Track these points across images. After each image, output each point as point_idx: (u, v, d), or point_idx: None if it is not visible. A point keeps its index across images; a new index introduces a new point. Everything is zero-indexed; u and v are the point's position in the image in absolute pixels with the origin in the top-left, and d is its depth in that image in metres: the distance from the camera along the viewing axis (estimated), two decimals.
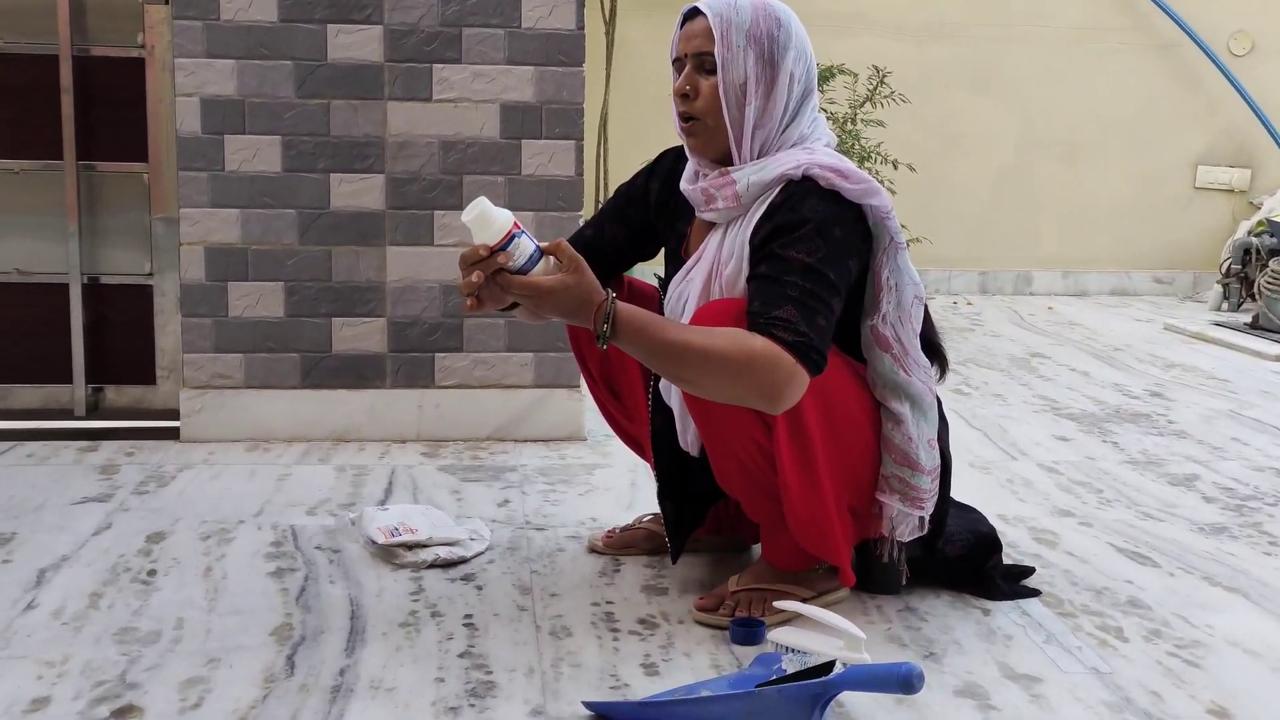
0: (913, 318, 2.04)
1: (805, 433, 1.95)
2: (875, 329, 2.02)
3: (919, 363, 2.05)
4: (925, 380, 2.05)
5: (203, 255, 3.12)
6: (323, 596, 2.16)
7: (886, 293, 2.01)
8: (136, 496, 2.70)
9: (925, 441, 2.04)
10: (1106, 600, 2.21)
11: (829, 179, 1.94)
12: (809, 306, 1.88)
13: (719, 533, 2.38)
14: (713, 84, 2.00)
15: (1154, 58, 6.22)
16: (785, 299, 1.88)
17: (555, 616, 2.09)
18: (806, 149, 2.01)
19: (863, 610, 2.13)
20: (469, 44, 3.12)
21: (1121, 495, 2.85)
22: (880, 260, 2.00)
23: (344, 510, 2.60)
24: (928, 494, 2.06)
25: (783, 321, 1.86)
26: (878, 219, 1.99)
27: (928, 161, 5.78)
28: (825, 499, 1.99)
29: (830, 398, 1.97)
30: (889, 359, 2.02)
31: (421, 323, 3.19)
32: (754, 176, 1.99)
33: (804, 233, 1.91)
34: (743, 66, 1.98)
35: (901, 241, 2.01)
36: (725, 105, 1.99)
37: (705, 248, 2.05)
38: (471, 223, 1.81)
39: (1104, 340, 4.96)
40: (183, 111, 3.08)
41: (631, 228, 2.25)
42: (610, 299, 1.85)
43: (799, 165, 1.96)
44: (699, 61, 2.01)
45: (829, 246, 1.91)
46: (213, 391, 3.16)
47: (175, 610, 2.09)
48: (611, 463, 3.02)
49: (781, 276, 1.89)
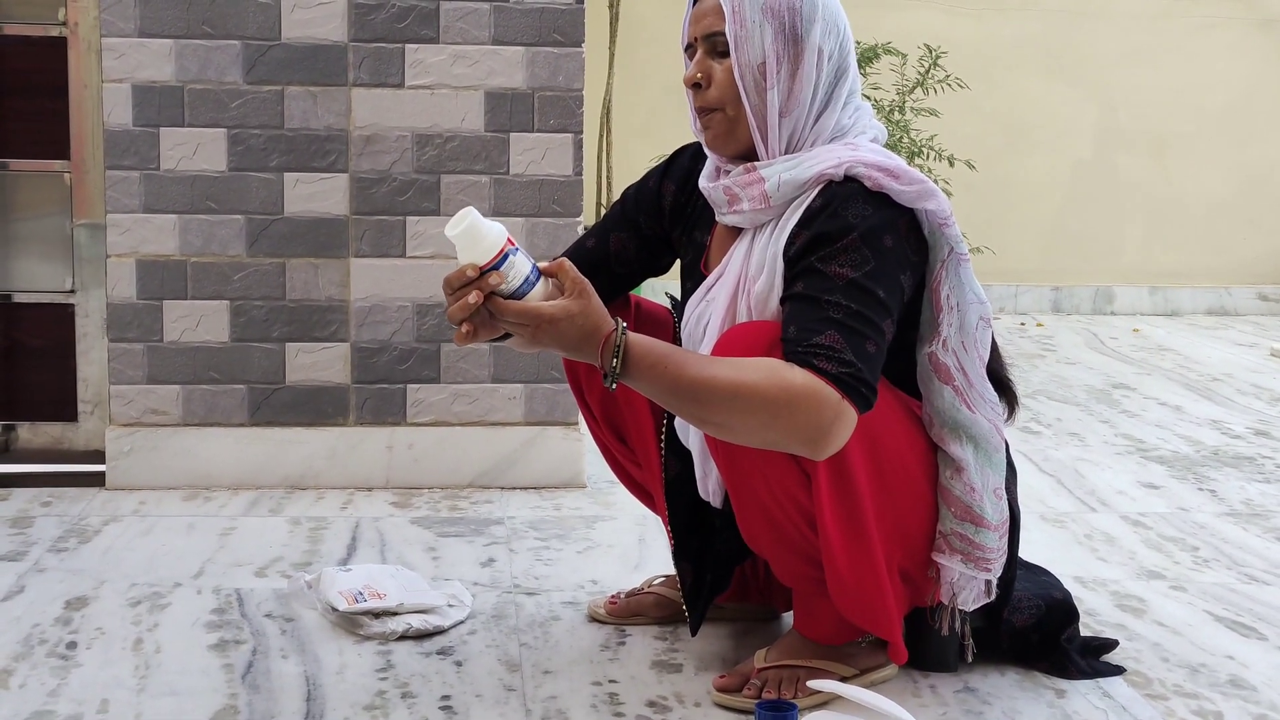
0: (978, 343, 2.04)
1: (851, 482, 1.95)
2: (934, 357, 2.02)
3: (985, 397, 2.05)
4: (992, 418, 2.05)
5: (134, 269, 3.14)
6: (273, 674, 2.16)
7: (947, 313, 2.01)
8: (54, 554, 2.71)
9: (991, 491, 2.04)
10: (1203, 680, 2.20)
11: (876, 179, 1.95)
12: (856, 331, 1.88)
13: (745, 599, 2.38)
14: (727, 67, 2.02)
15: (1257, 35, 6.24)
16: (828, 322, 1.88)
17: (549, 698, 2.09)
18: (849, 144, 2.02)
19: (914, 691, 2.13)
20: (448, 20, 3.14)
21: (1221, 554, 2.85)
22: (939, 274, 2.01)
23: (299, 571, 2.61)
24: (995, 553, 2.05)
25: (825, 350, 1.86)
26: (934, 226, 1.99)
27: (990, 158, 5.80)
28: (875, 560, 1.99)
29: (878, 440, 1.97)
30: (949, 392, 2.02)
31: (391, 349, 3.20)
32: (786, 174, 2.00)
33: (848, 242, 1.91)
34: (760, 44, 1.99)
35: (964, 251, 2.02)
36: (743, 90, 2.01)
37: (729, 260, 2.06)
38: (457, 238, 1.82)
39: (1199, 369, 4.95)
40: (111, 100, 3.10)
41: (642, 237, 2.26)
42: (620, 329, 1.85)
43: (840, 163, 1.97)
44: (711, 44, 2.03)
45: (878, 258, 1.92)
46: (144, 430, 3.17)
47: (99, 690, 2.08)
48: (615, 514, 3.02)
49: (822, 295, 1.89)
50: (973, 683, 2.15)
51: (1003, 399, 2.11)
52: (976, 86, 5.62)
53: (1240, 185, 6.31)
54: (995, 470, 2.05)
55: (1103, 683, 2.17)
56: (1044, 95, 6.18)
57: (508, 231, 1.84)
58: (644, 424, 2.25)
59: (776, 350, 1.89)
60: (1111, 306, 6.28)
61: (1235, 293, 6.34)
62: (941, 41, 5.25)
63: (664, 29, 5.78)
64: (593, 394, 2.30)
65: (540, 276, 1.85)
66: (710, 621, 2.35)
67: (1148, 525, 3.03)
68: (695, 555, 2.20)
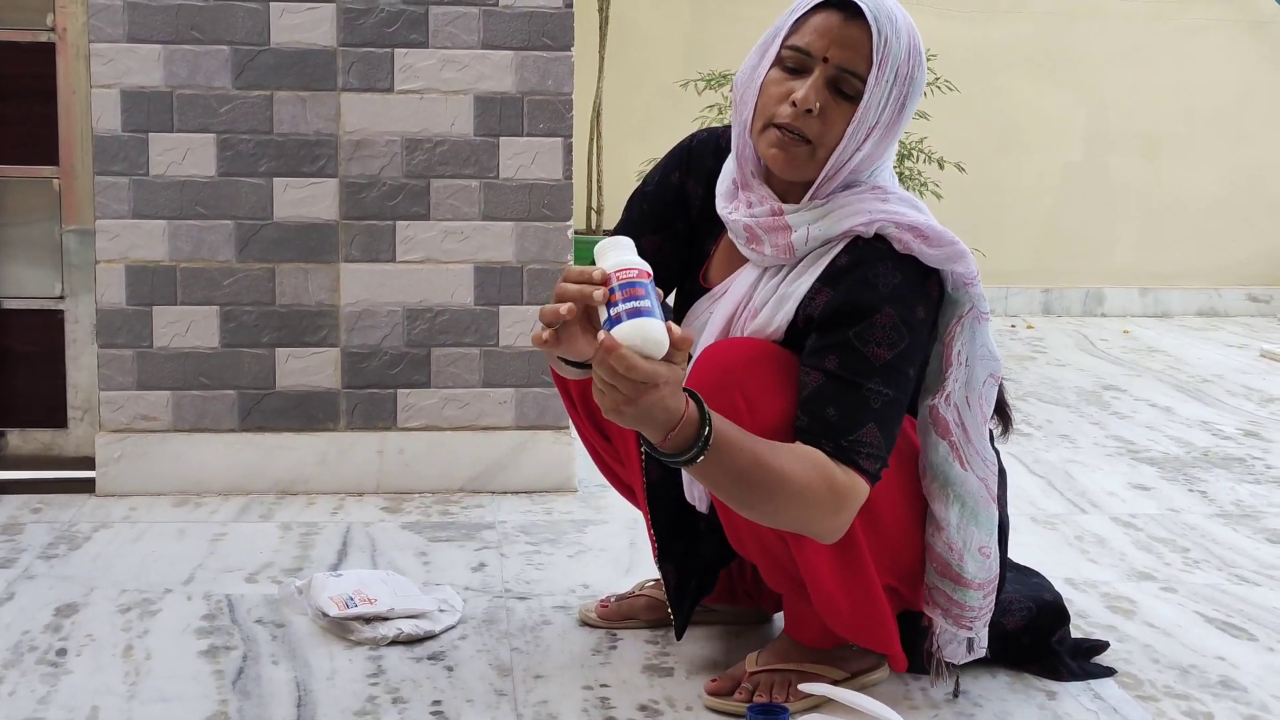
0: (983, 400, 2.01)
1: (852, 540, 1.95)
2: (935, 410, 1.99)
3: (980, 454, 2.01)
4: (984, 476, 2.01)
5: (123, 275, 3.14)
6: (264, 680, 2.16)
7: (956, 368, 1.98)
8: (44, 561, 2.70)
9: (975, 550, 2.01)
10: (1194, 680, 2.21)
11: (906, 242, 1.91)
12: (892, 420, 1.87)
13: (734, 602, 2.38)
14: (847, 113, 1.93)
15: (1247, 37, 6.26)
16: (869, 414, 1.86)
17: (540, 702, 2.09)
18: (878, 190, 1.97)
19: (905, 694, 2.13)
20: (437, 25, 3.14)
21: (1211, 555, 2.86)
22: (954, 329, 1.98)
23: (290, 577, 2.61)
24: (977, 612, 2.04)
25: (868, 447, 1.86)
26: (959, 284, 1.97)
27: (980, 160, 5.81)
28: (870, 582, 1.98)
29: None
30: (945, 447, 1.98)
31: (382, 353, 3.20)
32: (815, 229, 1.95)
33: (884, 319, 1.88)
34: (882, 105, 1.93)
35: (985, 310, 1.99)
36: (848, 141, 1.93)
37: (733, 283, 2.04)
38: (605, 244, 1.70)
39: (1190, 370, 4.96)
40: (100, 106, 3.10)
41: (679, 240, 2.18)
42: (708, 413, 1.75)
43: (872, 220, 1.92)
44: (840, 76, 1.92)
45: (911, 334, 1.90)
46: (135, 436, 3.16)
47: (89, 697, 2.08)
48: (607, 518, 3.02)
49: (863, 382, 1.87)
50: (964, 685, 2.15)
51: (998, 417, 2.11)
52: (968, 89, 5.63)
53: (1231, 187, 6.33)
54: (981, 529, 2.01)
55: (1093, 684, 2.18)
56: (1035, 97, 6.19)
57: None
58: None
59: (792, 404, 1.89)
60: (1102, 308, 6.29)
61: (1225, 294, 6.36)
62: (933, 44, 5.23)
63: (654, 32, 5.79)
64: (576, 385, 2.25)
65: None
66: (701, 625, 2.35)
67: (1138, 527, 3.04)
68: (679, 558, 2.20)
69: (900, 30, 1.92)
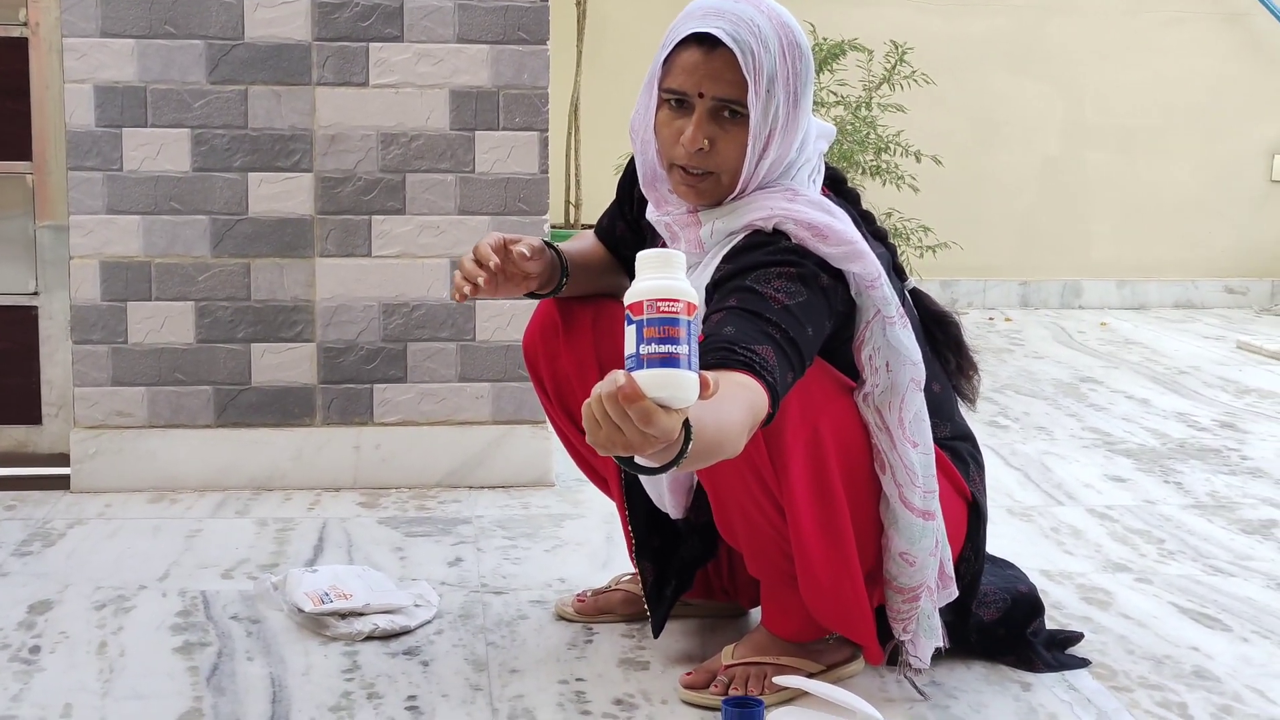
0: (904, 403, 1.98)
1: (830, 491, 1.96)
2: (859, 407, 2.01)
3: (904, 460, 1.98)
4: (903, 481, 1.98)
5: (97, 270, 3.12)
6: (239, 676, 2.16)
7: (870, 374, 1.98)
8: (18, 558, 2.69)
9: (897, 555, 2.01)
10: (1168, 671, 2.22)
11: (803, 239, 1.91)
12: (786, 356, 1.82)
13: (710, 597, 2.38)
14: (739, 135, 1.94)
15: (1224, 29, 6.27)
16: (765, 337, 1.81)
17: (515, 697, 2.09)
18: (788, 193, 1.97)
19: (880, 686, 2.13)
20: (412, 18, 3.13)
21: (1186, 546, 2.86)
22: (862, 335, 1.97)
23: (265, 573, 2.60)
24: (901, 615, 2.05)
25: (761, 361, 1.78)
26: (861, 288, 1.95)
27: (958, 153, 5.82)
28: (852, 566, 1.99)
29: (850, 451, 1.98)
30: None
31: (358, 348, 3.20)
32: (720, 223, 1.99)
33: (783, 271, 1.88)
34: (770, 113, 1.94)
35: (891, 314, 1.96)
36: (750, 158, 1.95)
37: None
38: (652, 253, 1.58)
39: (1166, 362, 4.98)
40: (73, 101, 3.09)
41: (635, 231, 2.24)
42: (688, 424, 1.58)
43: (771, 215, 1.94)
44: (719, 107, 1.94)
45: (809, 293, 1.87)
46: (109, 432, 3.15)
47: (63, 695, 2.08)
48: (584, 513, 3.02)
49: (761, 313, 1.83)
50: (939, 676, 2.16)
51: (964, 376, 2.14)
52: (944, 82, 5.64)
53: (1207, 179, 6.34)
54: (901, 535, 2.01)
55: (1068, 675, 2.19)
56: (1012, 91, 6.19)
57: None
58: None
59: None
60: (1079, 300, 6.31)
61: (1202, 286, 6.38)
62: (909, 37, 5.26)
63: (631, 27, 5.79)
64: (548, 372, 2.27)
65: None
66: (677, 619, 2.35)
67: (1114, 518, 3.05)
68: (655, 554, 2.20)
69: (767, 38, 1.92)
